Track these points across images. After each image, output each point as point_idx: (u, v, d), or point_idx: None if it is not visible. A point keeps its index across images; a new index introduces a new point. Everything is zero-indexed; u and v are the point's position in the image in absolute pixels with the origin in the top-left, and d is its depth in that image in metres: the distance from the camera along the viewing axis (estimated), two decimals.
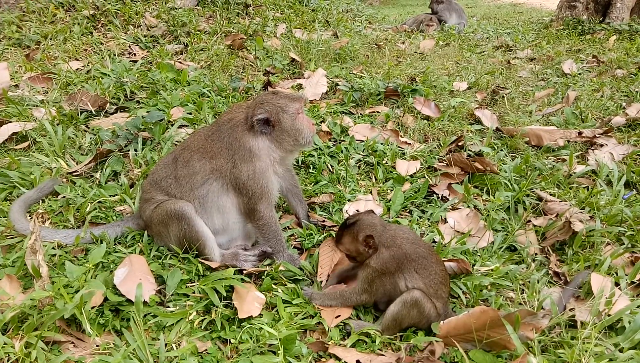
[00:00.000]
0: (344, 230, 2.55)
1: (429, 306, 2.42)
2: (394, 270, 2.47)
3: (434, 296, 2.45)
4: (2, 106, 4.11)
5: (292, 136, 2.84)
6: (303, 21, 7.67)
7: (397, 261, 2.46)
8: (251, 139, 2.79)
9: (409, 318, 2.43)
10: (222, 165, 2.79)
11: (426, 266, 2.48)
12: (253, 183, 2.77)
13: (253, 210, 2.84)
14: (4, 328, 2.19)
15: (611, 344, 2.40)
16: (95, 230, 2.87)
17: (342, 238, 2.56)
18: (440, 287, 2.48)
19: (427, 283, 2.45)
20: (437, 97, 5.19)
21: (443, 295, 2.49)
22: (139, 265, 2.60)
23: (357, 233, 2.49)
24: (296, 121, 2.83)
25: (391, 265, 2.47)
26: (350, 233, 2.52)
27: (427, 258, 2.50)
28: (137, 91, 4.57)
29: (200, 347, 2.32)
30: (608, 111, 5.00)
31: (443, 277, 2.52)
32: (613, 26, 8.87)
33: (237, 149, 2.78)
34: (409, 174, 3.81)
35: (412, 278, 2.46)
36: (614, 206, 3.40)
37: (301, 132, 2.85)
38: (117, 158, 3.62)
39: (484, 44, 8.48)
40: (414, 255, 2.48)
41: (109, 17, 6.11)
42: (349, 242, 2.53)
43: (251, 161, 2.77)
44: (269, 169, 2.84)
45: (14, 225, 2.85)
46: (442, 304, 2.48)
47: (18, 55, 5.16)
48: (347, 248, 2.54)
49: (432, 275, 2.47)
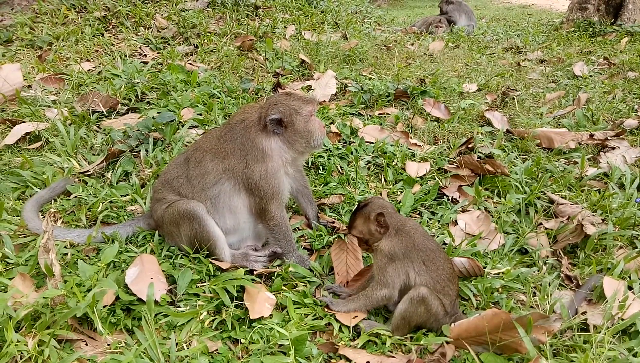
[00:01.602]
0: (357, 213, 2.59)
1: (436, 303, 2.42)
2: (402, 256, 2.48)
3: (441, 293, 2.45)
4: (15, 106, 4.16)
5: (304, 138, 2.85)
6: (312, 23, 7.68)
7: (405, 246, 2.49)
8: (264, 140, 2.80)
9: (417, 315, 2.43)
10: (235, 165, 2.79)
11: (434, 260, 2.49)
12: (265, 183, 2.78)
13: (264, 211, 2.84)
14: (17, 326, 2.21)
15: (625, 348, 2.38)
16: (107, 230, 2.89)
17: (355, 221, 2.59)
18: (447, 284, 2.47)
19: (434, 278, 2.46)
20: (447, 99, 5.17)
21: (450, 292, 2.49)
22: (150, 265, 2.62)
23: (369, 213, 2.53)
24: (309, 123, 2.84)
25: (399, 249, 2.49)
26: (363, 214, 2.56)
27: (434, 251, 2.52)
28: (148, 92, 4.60)
29: (211, 346, 2.33)
30: (620, 114, 4.96)
31: (451, 274, 2.52)
32: (625, 28, 8.79)
33: (250, 149, 2.78)
34: (419, 176, 3.80)
35: (421, 270, 2.47)
36: (627, 209, 3.37)
37: (313, 134, 2.86)
38: (129, 158, 3.65)
39: (494, 45, 8.44)
40: (421, 245, 2.51)
41: (120, 19, 6.16)
42: (362, 223, 2.56)
43: (263, 162, 2.77)
44: (281, 170, 2.85)
45: (27, 224, 2.87)
46: (449, 302, 2.47)
47: (31, 56, 5.22)
48: (360, 229, 2.56)
49: (440, 270, 2.48)
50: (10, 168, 3.45)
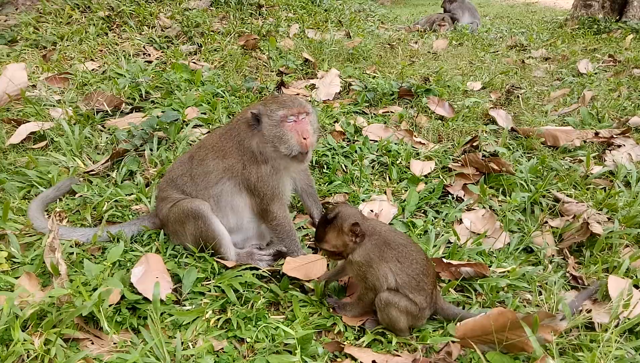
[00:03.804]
0: (327, 225, 2.41)
1: (404, 302, 2.37)
2: (378, 258, 2.40)
3: (415, 289, 2.39)
4: (21, 106, 4.17)
5: (270, 142, 2.71)
6: (316, 21, 7.67)
7: (379, 248, 2.41)
8: (253, 141, 2.78)
9: (394, 318, 2.40)
10: (234, 165, 2.80)
11: (406, 255, 2.42)
12: (263, 184, 2.78)
13: (266, 211, 2.84)
14: (24, 325, 2.21)
15: (631, 348, 2.37)
16: (112, 229, 2.90)
17: (326, 234, 2.41)
18: (422, 278, 2.41)
19: (410, 274, 2.39)
20: (451, 97, 5.16)
21: (426, 287, 2.42)
22: (156, 264, 2.62)
23: (341, 224, 2.38)
24: (279, 128, 2.69)
25: (374, 253, 2.40)
26: (334, 226, 2.39)
27: (406, 246, 2.46)
28: (152, 91, 4.61)
29: (217, 345, 2.33)
30: (625, 111, 4.93)
31: (425, 266, 2.44)
32: (630, 25, 8.74)
33: (246, 150, 2.78)
34: (423, 174, 3.79)
35: (397, 269, 2.40)
36: (633, 207, 3.35)
37: (282, 140, 2.68)
38: (133, 158, 3.65)
39: (498, 43, 8.41)
40: (393, 242, 2.43)
41: (123, 18, 6.17)
42: (335, 237, 2.40)
43: (258, 164, 2.77)
44: (280, 170, 2.83)
45: (32, 223, 2.88)
46: (424, 296, 2.40)
47: (35, 56, 5.23)
48: (334, 243, 2.41)
49: (414, 265, 2.41)
50: (15, 167, 3.46)
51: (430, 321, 2.57)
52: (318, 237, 2.46)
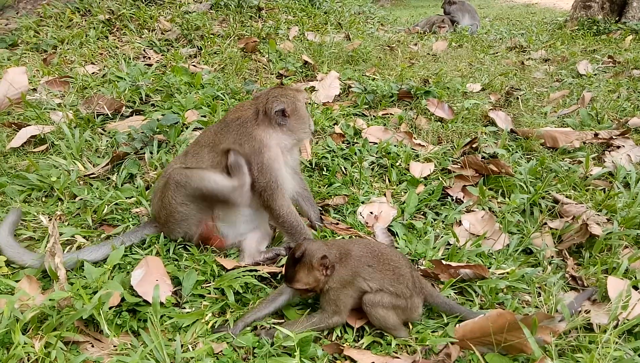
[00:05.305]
0: (296, 265, 2.37)
1: (387, 298, 2.40)
2: (351, 277, 2.42)
3: (394, 279, 2.43)
4: (21, 109, 4.19)
5: (307, 123, 3.02)
6: (315, 24, 7.68)
7: (351, 268, 2.42)
8: (262, 132, 2.86)
9: (382, 317, 2.41)
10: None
11: (376, 256, 2.46)
12: (263, 176, 2.81)
13: (269, 208, 2.86)
14: (24, 328, 2.22)
15: (630, 348, 2.37)
16: (115, 241, 2.86)
17: (297, 274, 2.37)
18: (398, 271, 2.45)
19: (383, 271, 2.43)
20: (451, 99, 5.17)
21: (402, 272, 2.46)
22: (156, 267, 2.63)
23: (310, 261, 2.34)
24: (304, 110, 3.02)
25: (347, 275, 2.41)
26: (303, 264, 2.35)
27: (372, 248, 2.51)
28: (152, 94, 4.62)
29: (216, 348, 2.33)
30: (625, 112, 4.94)
31: (397, 260, 2.49)
32: (629, 26, 8.74)
33: (246, 142, 2.83)
34: (422, 176, 3.80)
35: (369, 274, 2.42)
36: (632, 208, 3.35)
37: (310, 119, 3.07)
38: (133, 161, 3.66)
39: (497, 45, 8.42)
40: (359, 252, 2.46)
41: (124, 22, 6.19)
42: (306, 274, 2.36)
43: (261, 153, 2.81)
44: (280, 159, 2.89)
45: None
46: (404, 284, 2.43)
47: (36, 59, 5.25)
48: (305, 281, 2.37)
49: (386, 263, 2.45)
50: (16, 171, 3.48)
51: (429, 321, 2.57)
52: (289, 279, 2.40)
